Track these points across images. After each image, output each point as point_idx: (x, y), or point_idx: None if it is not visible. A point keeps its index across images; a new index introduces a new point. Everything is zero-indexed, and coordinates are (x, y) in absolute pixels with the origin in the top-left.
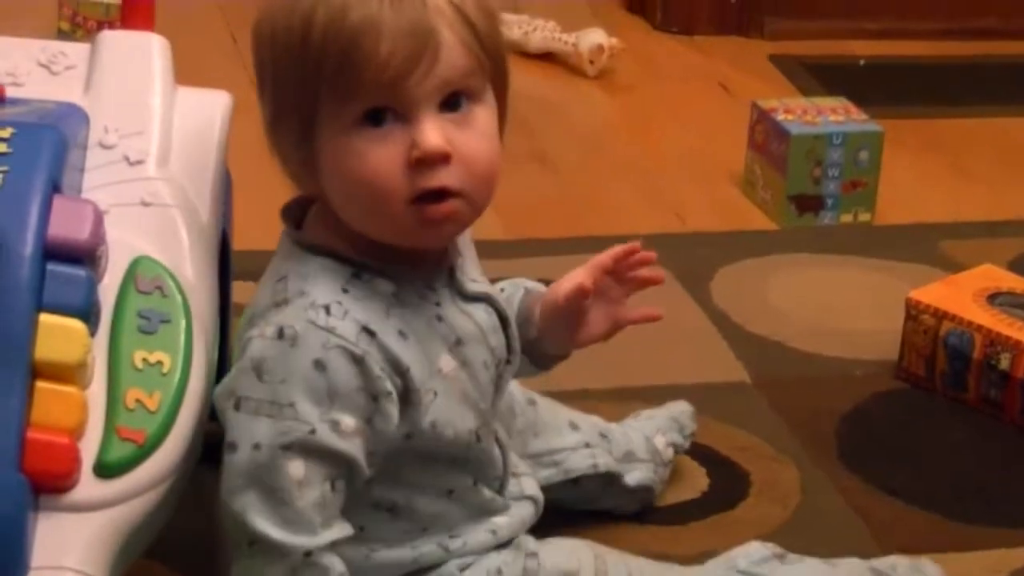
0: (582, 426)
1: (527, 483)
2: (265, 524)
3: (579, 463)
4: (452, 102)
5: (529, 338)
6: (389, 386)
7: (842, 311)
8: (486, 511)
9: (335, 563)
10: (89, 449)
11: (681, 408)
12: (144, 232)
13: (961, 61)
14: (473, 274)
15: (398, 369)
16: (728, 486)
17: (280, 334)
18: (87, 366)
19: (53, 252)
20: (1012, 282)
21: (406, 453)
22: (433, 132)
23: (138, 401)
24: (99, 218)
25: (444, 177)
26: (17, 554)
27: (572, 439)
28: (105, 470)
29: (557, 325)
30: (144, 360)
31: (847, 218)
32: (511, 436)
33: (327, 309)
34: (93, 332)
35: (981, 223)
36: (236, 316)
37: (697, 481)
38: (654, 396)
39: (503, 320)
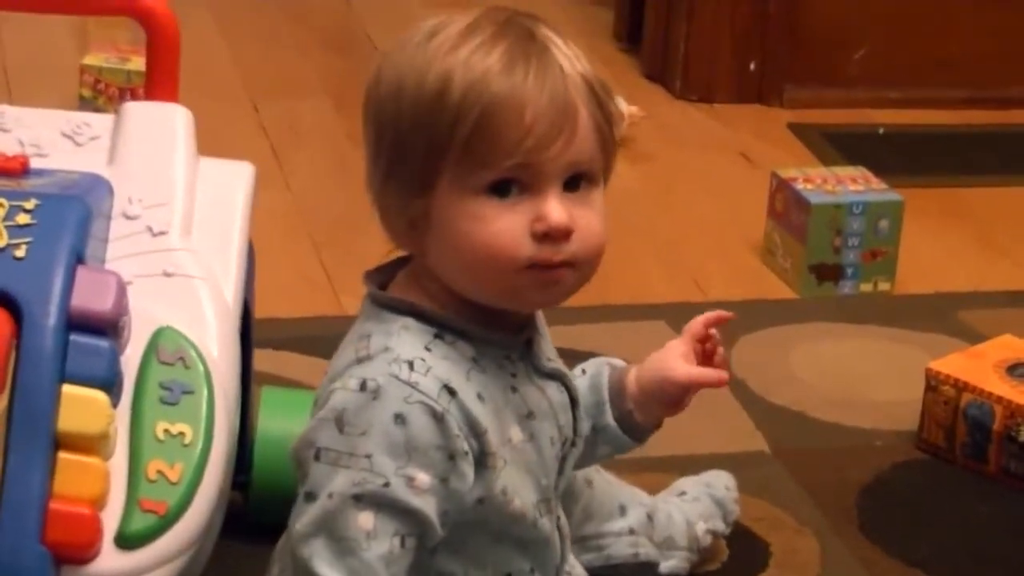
0: (630, 509)
1: None
2: (330, 572)
3: (621, 551)
4: (573, 183)
5: (624, 410)
6: (466, 446)
7: (862, 381)
8: None
9: None
10: (111, 520)
11: (725, 485)
12: (167, 303)
13: (982, 130)
14: (548, 352)
15: (476, 430)
16: (748, 557)
17: (363, 386)
18: (109, 437)
19: (76, 323)
20: None
21: (475, 524)
22: (560, 208)
23: (160, 472)
24: (122, 289)
25: (565, 251)
26: None
27: (618, 525)
28: (126, 541)
29: (658, 400)
30: (166, 431)
31: (867, 287)
32: (569, 519)
33: (411, 365)
34: (115, 403)
35: (1002, 293)
36: (257, 385)
37: (717, 552)
38: (674, 466)
39: (573, 401)
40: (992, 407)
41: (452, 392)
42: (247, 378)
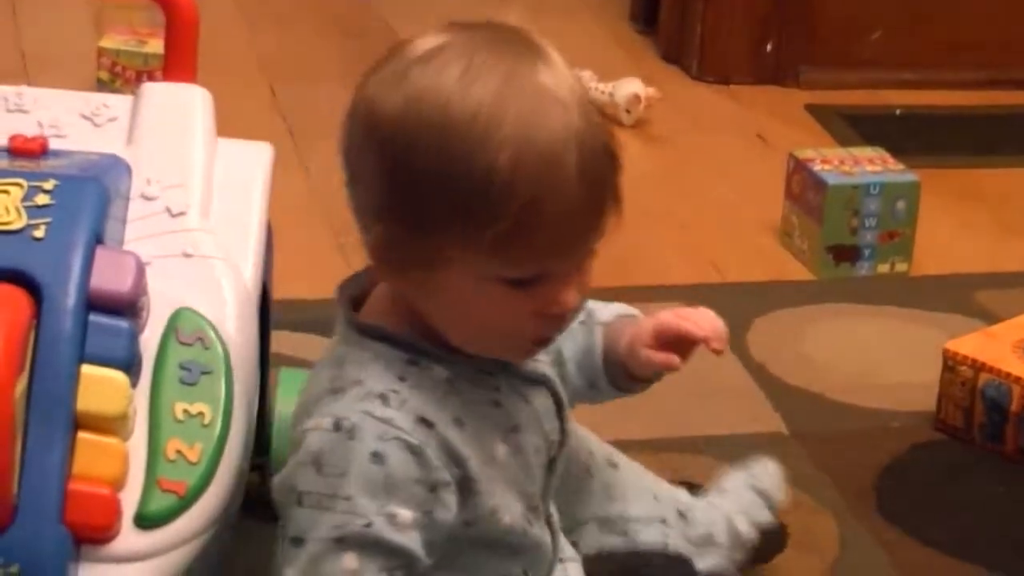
0: (662, 500)
1: (572, 569)
2: None
3: (649, 537)
4: None
5: (617, 368)
6: (447, 476)
7: (879, 362)
8: None
9: None
10: (130, 500)
11: (769, 473)
12: (185, 284)
13: (999, 111)
14: None
15: (456, 459)
16: (766, 538)
17: (337, 426)
18: (128, 417)
19: (95, 304)
20: None
21: (465, 540)
22: (575, 294)
23: (179, 452)
24: (141, 270)
25: (567, 322)
26: None
27: (648, 510)
28: (146, 521)
29: (640, 368)
30: (185, 411)
31: (884, 268)
32: (583, 497)
33: (384, 399)
34: (134, 384)
35: (1019, 273)
36: (275, 367)
37: None
38: (692, 447)
39: (558, 404)
40: (1010, 387)
41: (429, 424)
42: (265, 359)
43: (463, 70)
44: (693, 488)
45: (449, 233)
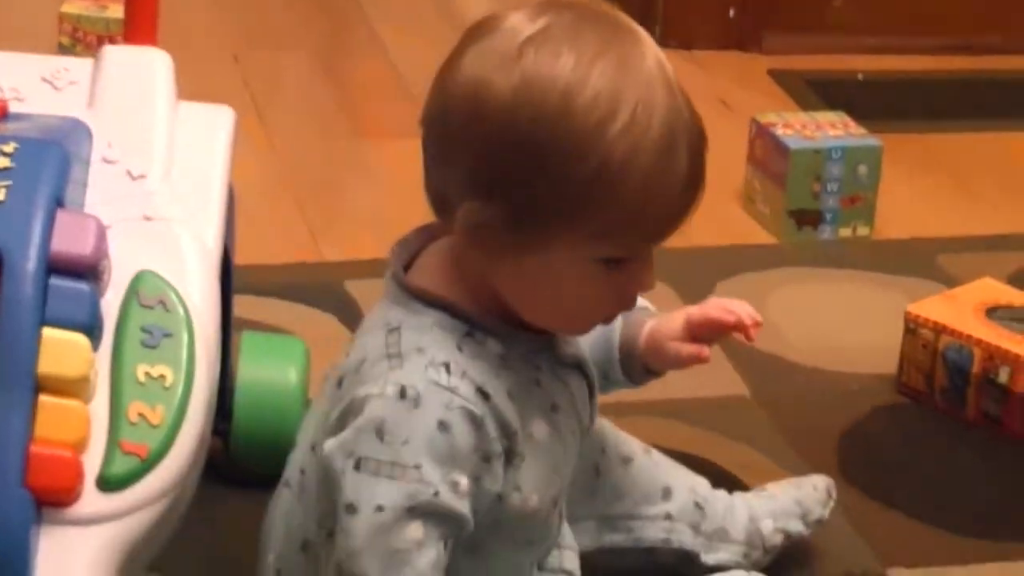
0: (676, 494)
1: (568, 557)
2: None
3: (651, 534)
4: None
5: (633, 360)
6: (500, 447)
7: (841, 325)
8: None
9: None
10: (92, 463)
11: (813, 485)
12: (146, 247)
13: (961, 76)
14: (568, 337)
15: (507, 431)
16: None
17: (402, 394)
18: (90, 380)
19: (56, 267)
20: (1011, 296)
21: (491, 521)
22: (653, 273)
23: (141, 415)
24: (102, 233)
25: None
26: (21, 569)
27: (655, 509)
28: (108, 484)
29: (663, 362)
30: (147, 374)
31: (846, 232)
32: (588, 496)
33: (447, 367)
34: (96, 346)
35: (980, 237)
36: (237, 330)
37: None
38: (653, 411)
39: (591, 388)
40: (971, 350)
41: (486, 395)
42: (227, 323)
43: (577, 56)
44: (734, 484)
45: (553, 217)
